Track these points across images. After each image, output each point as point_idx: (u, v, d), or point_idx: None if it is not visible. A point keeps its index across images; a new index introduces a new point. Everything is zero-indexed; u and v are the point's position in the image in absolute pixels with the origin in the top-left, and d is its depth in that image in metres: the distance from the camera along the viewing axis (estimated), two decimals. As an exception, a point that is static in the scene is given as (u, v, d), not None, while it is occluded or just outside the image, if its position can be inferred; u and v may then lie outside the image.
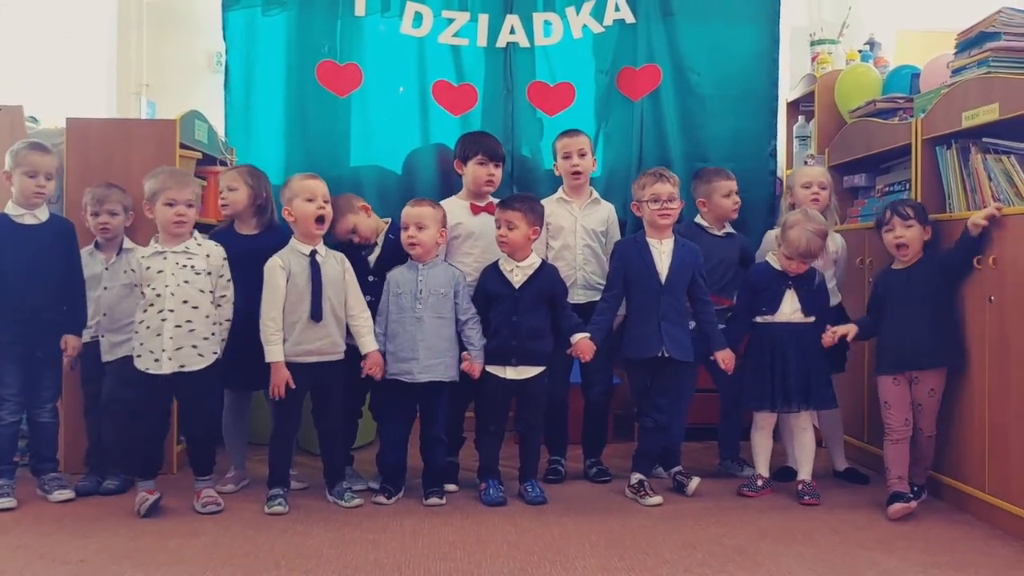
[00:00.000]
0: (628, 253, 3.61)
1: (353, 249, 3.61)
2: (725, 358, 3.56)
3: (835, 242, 3.83)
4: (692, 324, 3.64)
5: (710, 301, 3.61)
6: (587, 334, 3.51)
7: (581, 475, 3.86)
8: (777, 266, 3.59)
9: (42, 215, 3.47)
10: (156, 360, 3.27)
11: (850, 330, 3.53)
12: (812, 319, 3.56)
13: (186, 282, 3.30)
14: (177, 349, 3.28)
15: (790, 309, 3.55)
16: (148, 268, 3.30)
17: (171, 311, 3.27)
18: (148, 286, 3.30)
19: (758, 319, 3.60)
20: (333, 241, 3.61)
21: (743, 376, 3.64)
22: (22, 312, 3.39)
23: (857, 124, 4.22)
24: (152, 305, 3.29)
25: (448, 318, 3.47)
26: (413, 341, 3.41)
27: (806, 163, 4.47)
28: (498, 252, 3.62)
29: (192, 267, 3.32)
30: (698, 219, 3.97)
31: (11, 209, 3.44)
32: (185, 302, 3.29)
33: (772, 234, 3.76)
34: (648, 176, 3.61)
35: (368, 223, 3.68)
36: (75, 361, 3.57)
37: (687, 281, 3.56)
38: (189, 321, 3.29)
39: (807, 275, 3.58)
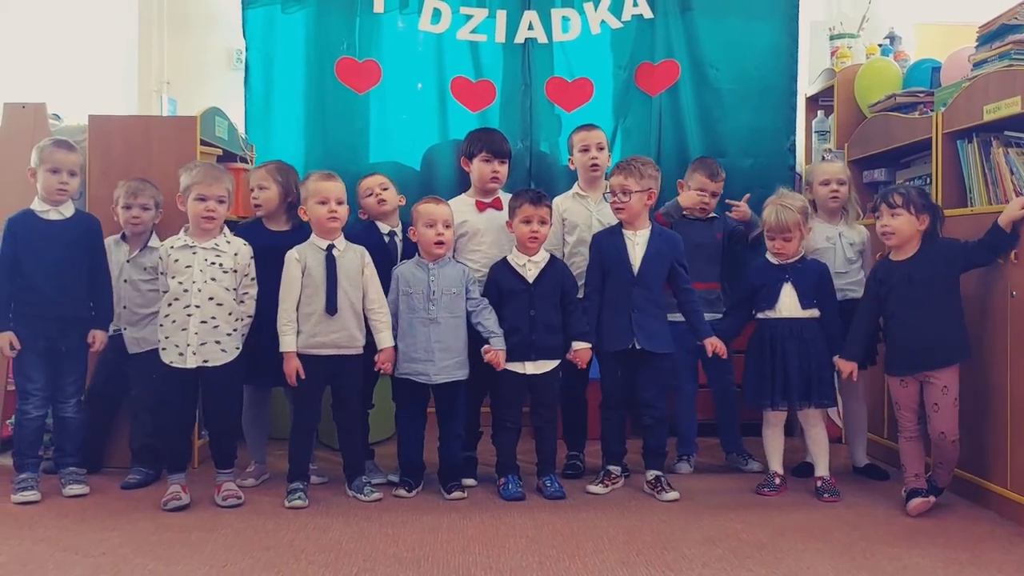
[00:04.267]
0: (603, 244, 3.62)
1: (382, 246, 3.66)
2: (712, 343, 3.55)
3: (860, 234, 3.82)
4: (679, 317, 3.66)
5: (693, 290, 3.62)
6: (588, 344, 3.54)
7: (599, 470, 3.86)
8: (775, 261, 3.59)
9: (67, 211, 3.50)
10: (181, 354, 3.31)
11: (851, 369, 3.45)
12: (814, 313, 3.53)
13: (213, 279, 3.34)
14: (201, 344, 3.31)
15: (789, 303, 3.53)
16: (176, 260, 3.34)
17: (197, 307, 3.31)
18: (173, 278, 3.33)
19: (758, 315, 3.59)
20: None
21: (744, 373, 3.64)
22: (47, 307, 3.43)
23: (877, 118, 4.20)
24: (177, 299, 3.32)
25: (461, 316, 3.48)
26: (428, 343, 3.42)
27: (824, 159, 4.44)
28: (504, 248, 3.64)
29: (220, 265, 3.36)
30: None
31: (36, 205, 3.48)
32: (211, 299, 3.33)
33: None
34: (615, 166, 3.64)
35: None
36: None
37: (663, 272, 3.56)
38: (214, 317, 3.33)
39: (805, 267, 3.57)
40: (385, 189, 3.74)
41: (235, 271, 3.39)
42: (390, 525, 3.13)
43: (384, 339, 3.43)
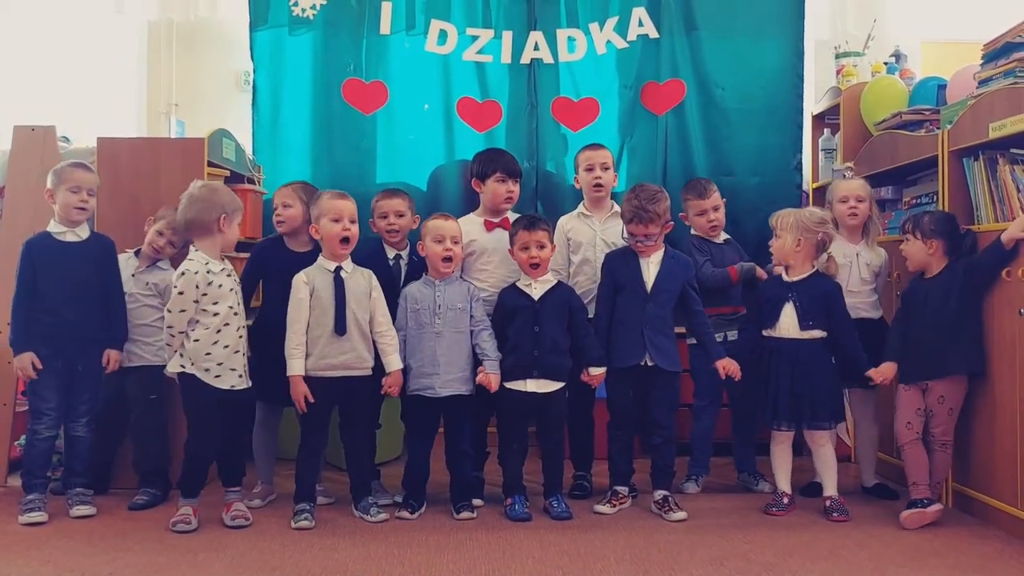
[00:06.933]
0: (615, 263, 3.62)
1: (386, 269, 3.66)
2: (724, 366, 3.55)
3: (879, 256, 3.79)
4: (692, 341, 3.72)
5: (704, 312, 3.62)
6: (604, 369, 3.54)
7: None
8: (786, 277, 3.58)
9: (83, 232, 3.53)
10: (240, 376, 3.36)
11: (890, 371, 3.49)
12: (815, 335, 3.49)
13: (239, 303, 3.42)
14: (246, 366, 3.41)
15: (788, 323, 3.51)
16: (220, 286, 3.33)
17: (241, 328, 3.39)
18: (216, 303, 3.31)
19: (763, 331, 3.59)
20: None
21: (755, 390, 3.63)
22: (62, 327, 3.44)
23: (883, 136, 4.20)
24: (228, 324, 3.33)
25: (465, 332, 3.49)
26: (434, 356, 3.43)
27: (845, 176, 4.42)
28: (512, 267, 3.65)
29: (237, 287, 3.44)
30: (695, 231, 4.02)
31: (53, 227, 3.50)
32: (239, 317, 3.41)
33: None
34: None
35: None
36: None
37: (675, 292, 3.56)
38: (242, 337, 3.40)
39: (812, 285, 3.53)
40: (401, 216, 3.69)
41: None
42: (396, 546, 3.12)
43: (392, 362, 3.44)
